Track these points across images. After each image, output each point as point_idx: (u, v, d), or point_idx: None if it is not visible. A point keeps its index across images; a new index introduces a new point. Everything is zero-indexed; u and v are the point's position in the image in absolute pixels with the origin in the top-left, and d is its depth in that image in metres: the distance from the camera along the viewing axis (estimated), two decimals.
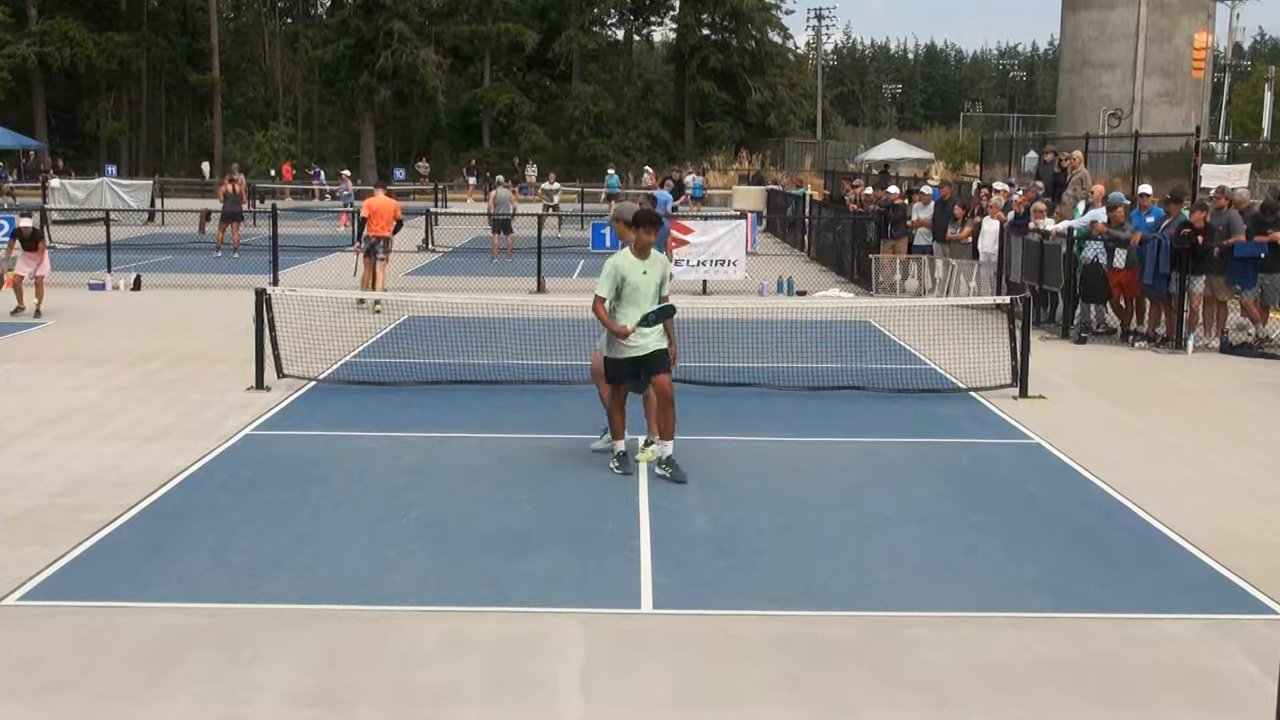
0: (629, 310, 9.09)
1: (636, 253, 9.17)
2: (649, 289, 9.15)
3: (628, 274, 9.05)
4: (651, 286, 9.16)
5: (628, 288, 9.07)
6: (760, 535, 7.92)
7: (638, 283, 9.09)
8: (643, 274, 9.09)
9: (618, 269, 9.08)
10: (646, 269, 9.15)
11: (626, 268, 9.09)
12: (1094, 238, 16.18)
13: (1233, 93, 70.70)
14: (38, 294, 17.69)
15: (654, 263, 9.26)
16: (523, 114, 69.86)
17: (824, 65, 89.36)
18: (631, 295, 9.09)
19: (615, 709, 5.49)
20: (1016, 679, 5.81)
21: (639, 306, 9.09)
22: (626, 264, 9.12)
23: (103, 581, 6.98)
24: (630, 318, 9.06)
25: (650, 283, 9.15)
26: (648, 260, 9.20)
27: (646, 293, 9.13)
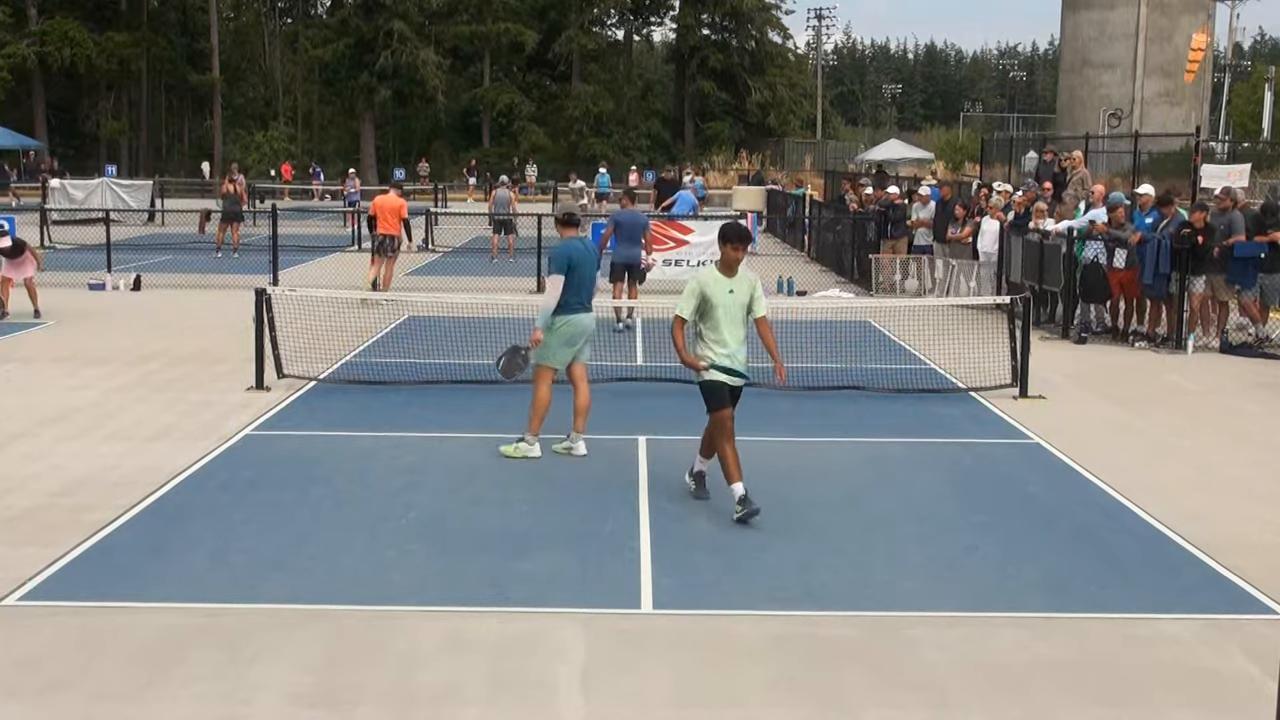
0: (711, 334, 8.23)
1: (723, 268, 8.29)
2: (736, 310, 8.24)
3: (712, 293, 8.17)
4: (738, 307, 8.25)
5: (710, 308, 8.19)
6: (760, 535, 7.91)
7: (722, 302, 8.18)
8: (729, 293, 8.20)
9: (701, 286, 8.21)
10: (733, 287, 8.24)
11: (711, 285, 8.20)
12: (1094, 238, 16.18)
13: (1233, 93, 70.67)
14: (31, 296, 17.62)
15: (741, 280, 8.32)
16: (523, 114, 69.84)
17: (824, 65, 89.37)
18: (715, 316, 8.19)
19: (615, 709, 5.49)
20: (1016, 679, 5.81)
21: (723, 330, 8.20)
22: (711, 281, 8.23)
23: (103, 581, 6.98)
24: (713, 341, 8.24)
25: (737, 303, 8.23)
26: (734, 278, 8.28)
27: (733, 314, 8.23)
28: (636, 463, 9.71)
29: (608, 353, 14.14)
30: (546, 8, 72.30)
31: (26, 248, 17.89)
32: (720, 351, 8.23)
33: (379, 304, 17.85)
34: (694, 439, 10.45)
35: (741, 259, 8.30)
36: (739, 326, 8.29)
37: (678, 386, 12.63)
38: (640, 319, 17.40)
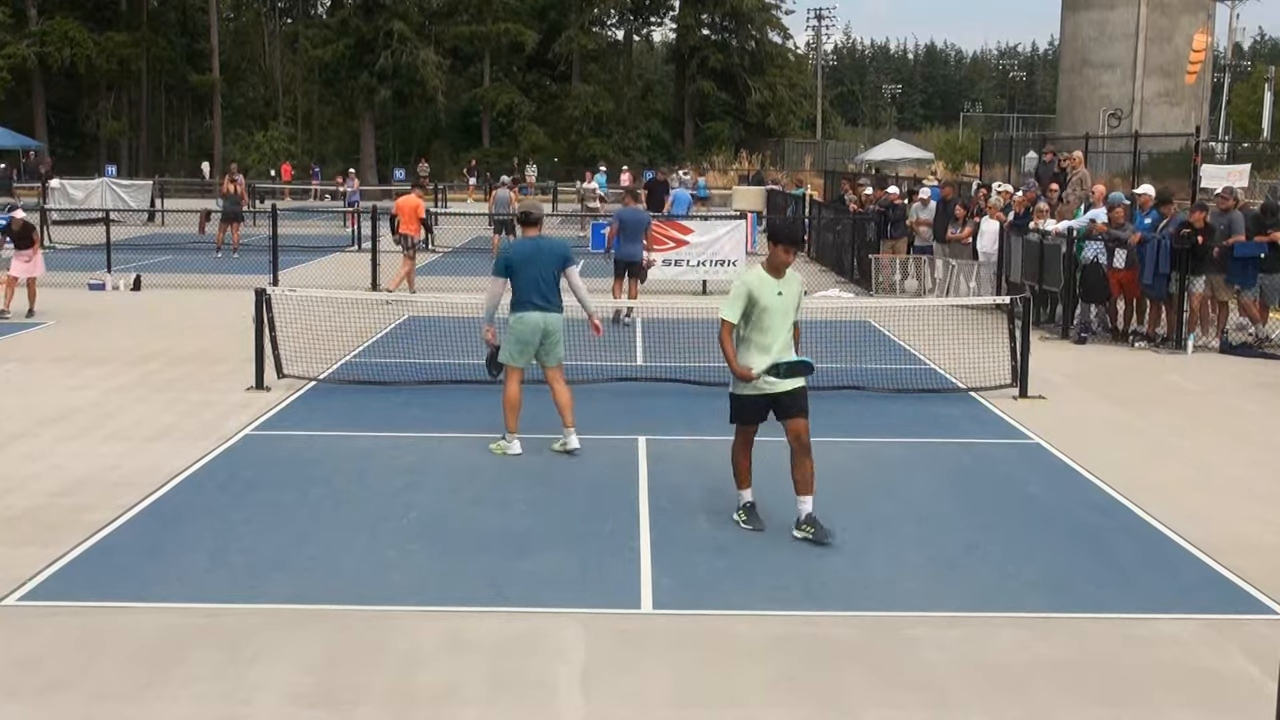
0: (757, 338, 7.81)
1: (771, 269, 7.88)
2: (784, 312, 7.85)
3: (760, 294, 7.76)
4: (786, 310, 7.88)
5: (758, 311, 7.78)
6: (760, 535, 7.91)
7: (771, 305, 7.78)
8: (777, 295, 7.79)
9: (749, 288, 7.78)
10: (782, 289, 7.84)
11: (759, 287, 7.78)
12: (1094, 238, 16.18)
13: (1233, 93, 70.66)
14: (30, 295, 17.68)
15: (789, 282, 7.92)
16: (523, 114, 69.85)
17: (824, 65, 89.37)
18: (762, 320, 7.79)
19: (615, 709, 5.49)
20: (1016, 679, 5.81)
21: (769, 334, 7.80)
22: (759, 283, 7.81)
23: (103, 581, 6.98)
24: (759, 347, 7.80)
25: (786, 305, 7.86)
26: (783, 279, 7.89)
27: (780, 317, 7.82)
28: (636, 463, 9.71)
29: (608, 353, 14.15)
30: (546, 8, 72.31)
31: (35, 234, 17.90)
32: (762, 359, 7.78)
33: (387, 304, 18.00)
34: (694, 439, 10.50)
35: (791, 261, 7.90)
36: (785, 330, 7.88)
37: (677, 387, 12.65)
38: (640, 319, 17.41)
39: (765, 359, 7.77)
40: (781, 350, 7.83)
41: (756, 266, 8.05)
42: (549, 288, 9.89)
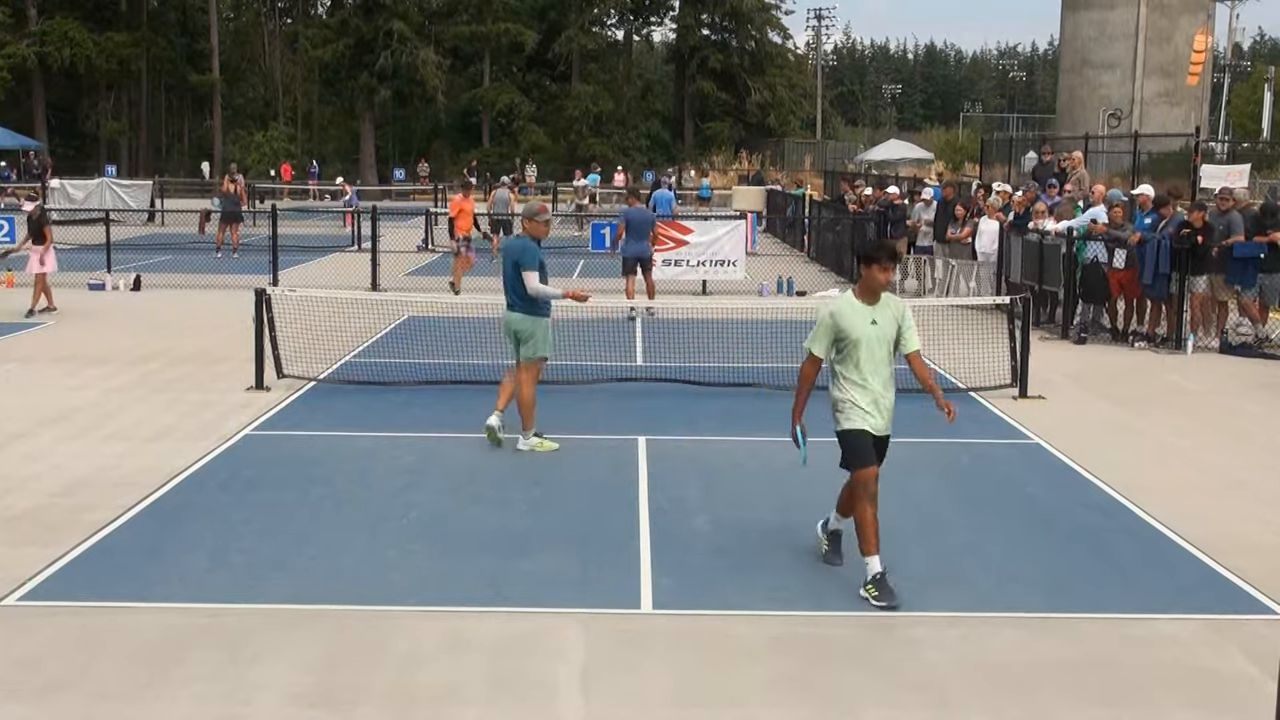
0: (853, 375, 6.87)
1: (862, 294, 6.88)
2: (880, 345, 6.84)
3: (849, 325, 6.80)
4: (882, 342, 6.84)
5: (849, 344, 6.82)
6: (760, 535, 7.92)
7: (862, 337, 6.77)
8: (870, 324, 6.81)
9: (835, 319, 6.83)
10: (876, 317, 6.82)
11: (848, 316, 6.82)
12: (1094, 238, 16.19)
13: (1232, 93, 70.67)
14: (36, 294, 17.75)
15: (884, 308, 6.88)
16: (522, 114, 69.83)
17: (824, 65, 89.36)
18: (855, 355, 6.82)
19: (615, 709, 5.49)
20: (1016, 679, 5.81)
21: (864, 370, 6.84)
22: (848, 311, 6.83)
23: (103, 581, 6.98)
24: (855, 385, 6.89)
25: (881, 337, 6.82)
26: (877, 305, 6.85)
27: (876, 350, 6.83)
28: (636, 463, 9.71)
29: (608, 353, 14.15)
30: (546, 8, 72.30)
31: (48, 229, 17.95)
32: (861, 398, 6.86)
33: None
34: (694, 439, 10.51)
35: (888, 282, 6.90)
36: (884, 365, 6.87)
37: (677, 387, 12.65)
38: (640, 318, 17.42)
39: (862, 398, 6.87)
40: (883, 389, 6.92)
41: (847, 292, 7.03)
42: (511, 287, 10.05)
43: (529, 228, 10.14)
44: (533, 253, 9.92)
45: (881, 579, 6.75)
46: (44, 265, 17.71)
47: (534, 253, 9.92)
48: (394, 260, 24.41)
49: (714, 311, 17.38)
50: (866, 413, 6.90)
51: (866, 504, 6.87)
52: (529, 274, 9.85)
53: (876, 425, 6.94)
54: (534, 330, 9.97)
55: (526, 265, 9.87)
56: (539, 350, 10.03)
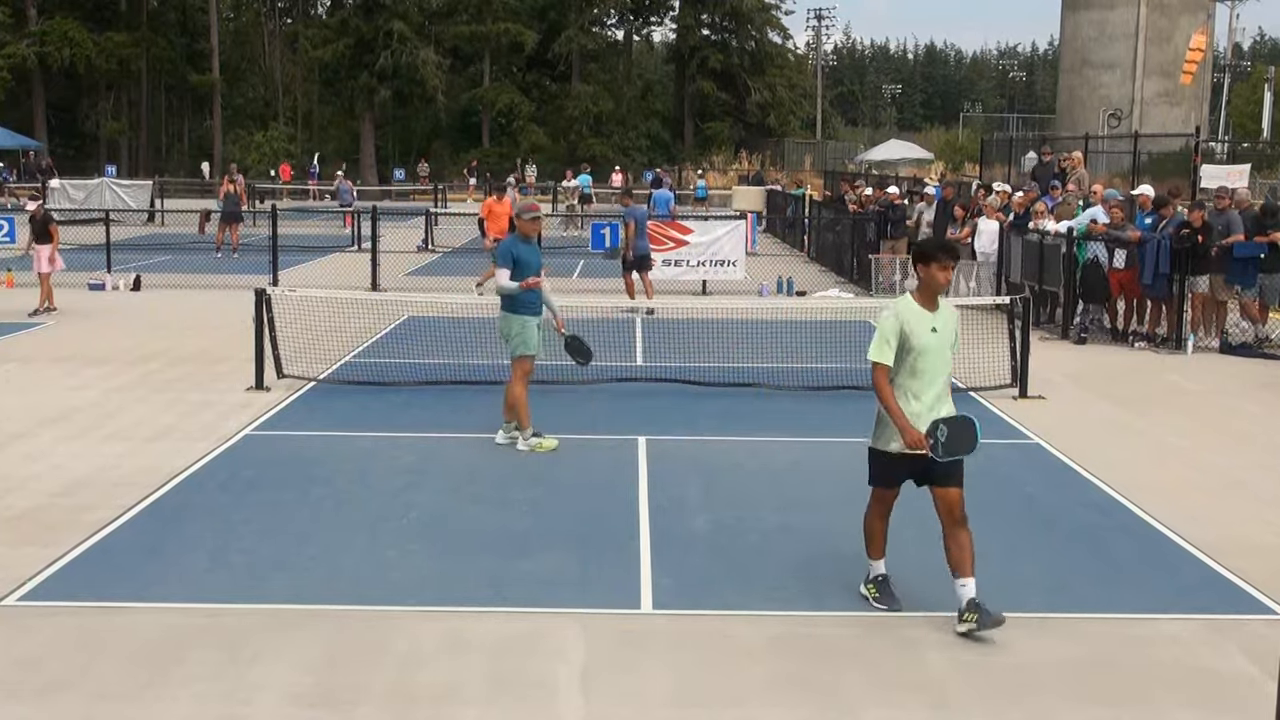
0: (909, 383, 6.38)
1: (922, 298, 6.42)
2: (939, 354, 6.38)
3: (913, 330, 6.33)
4: (942, 350, 6.40)
5: (910, 351, 6.34)
6: (760, 535, 7.91)
7: (924, 344, 6.33)
8: (931, 331, 6.34)
9: (900, 322, 6.35)
10: (937, 324, 6.37)
11: (911, 321, 6.35)
12: (1094, 238, 16.19)
13: (1233, 93, 70.66)
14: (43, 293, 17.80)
15: (944, 315, 6.45)
16: (522, 114, 69.82)
17: (824, 65, 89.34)
18: (916, 363, 6.35)
19: (615, 709, 5.49)
20: (1016, 679, 5.81)
21: (922, 379, 6.35)
22: (911, 316, 6.37)
23: (103, 581, 6.98)
24: (910, 394, 6.37)
25: (942, 343, 6.39)
26: (936, 311, 6.42)
27: (935, 361, 6.36)
28: (636, 463, 9.71)
29: (608, 353, 14.15)
30: (546, 8, 72.29)
31: (54, 227, 17.98)
32: (911, 411, 6.35)
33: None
34: (694, 439, 10.50)
35: (948, 283, 6.49)
36: (940, 377, 6.41)
37: (678, 387, 12.65)
38: (640, 318, 17.42)
39: (917, 408, 6.37)
40: (936, 400, 6.38)
41: (906, 297, 6.54)
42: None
43: (519, 226, 10.14)
44: (504, 250, 9.94)
45: (884, 581, 6.69)
46: (54, 264, 17.77)
47: (505, 250, 9.93)
48: (394, 260, 24.40)
49: (714, 311, 17.38)
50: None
51: (877, 519, 6.69)
52: (498, 271, 9.88)
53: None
54: (511, 328, 9.96)
55: (496, 263, 9.92)
56: (518, 349, 9.98)
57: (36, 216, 18.06)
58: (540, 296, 10.11)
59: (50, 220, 18.20)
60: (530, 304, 9.99)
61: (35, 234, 17.86)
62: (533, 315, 10.02)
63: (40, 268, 17.74)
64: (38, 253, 17.77)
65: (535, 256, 10.09)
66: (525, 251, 9.96)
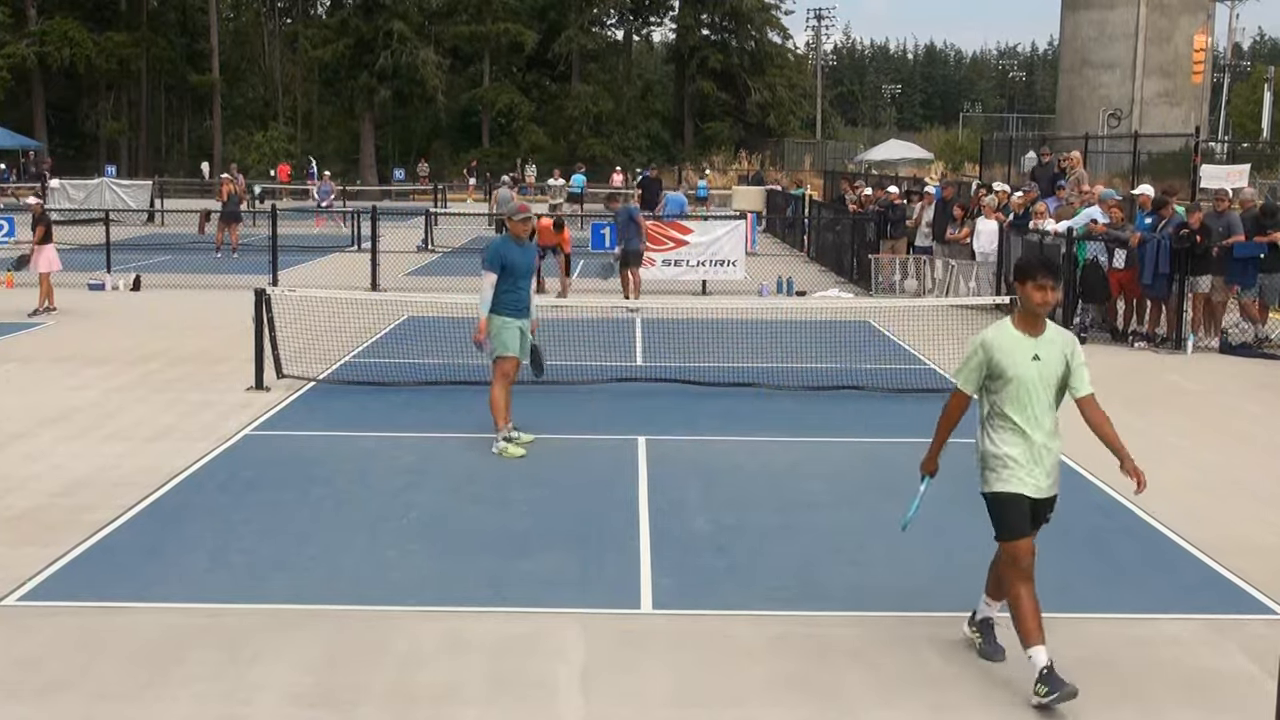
0: (1006, 421, 5.65)
1: (1022, 322, 5.64)
2: (1043, 386, 5.60)
3: (1005, 359, 5.57)
4: (1047, 382, 5.60)
5: (1006, 382, 5.60)
6: (760, 535, 7.91)
7: (1022, 375, 5.56)
8: (1032, 359, 5.56)
9: (989, 349, 5.62)
10: (1040, 351, 5.58)
11: (1003, 348, 5.60)
12: (1094, 238, 16.19)
13: (1232, 93, 70.69)
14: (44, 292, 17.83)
15: (1050, 342, 5.61)
16: (522, 114, 69.82)
17: (823, 65, 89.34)
18: (1019, 395, 5.59)
19: (615, 709, 5.49)
20: (1018, 679, 5.80)
21: (1024, 412, 5.60)
22: (1006, 342, 5.61)
23: (103, 581, 6.98)
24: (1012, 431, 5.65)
25: (1047, 376, 5.59)
26: (1040, 336, 5.61)
27: (1039, 394, 5.59)
28: (636, 463, 9.71)
29: (608, 353, 14.16)
30: (546, 8, 72.29)
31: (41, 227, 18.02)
32: (1019, 453, 5.64)
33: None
34: (694, 439, 10.50)
35: (1051, 304, 5.61)
36: (1047, 412, 5.64)
37: (678, 387, 12.65)
38: (640, 319, 17.43)
39: (1015, 448, 5.64)
40: (1047, 441, 5.68)
41: (1003, 321, 5.75)
42: None
43: (510, 228, 10.12)
44: (492, 252, 9.89)
45: (1050, 672, 5.45)
46: (54, 263, 17.81)
47: (493, 252, 9.88)
48: (394, 260, 24.41)
49: (714, 311, 17.39)
50: (1024, 470, 5.63)
51: (1020, 584, 5.62)
52: (483, 273, 9.85)
53: (1039, 486, 5.68)
54: (491, 328, 9.92)
55: (484, 264, 9.88)
56: (496, 350, 9.93)
57: (37, 212, 18.11)
58: (525, 299, 10.05)
59: (45, 219, 18.25)
60: (511, 305, 9.92)
61: (44, 228, 17.93)
62: (514, 317, 9.93)
63: (39, 266, 17.77)
64: (37, 253, 17.80)
65: (526, 259, 10.07)
66: (516, 254, 9.93)
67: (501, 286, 9.83)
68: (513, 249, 9.92)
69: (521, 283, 9.97)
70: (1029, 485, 5.64)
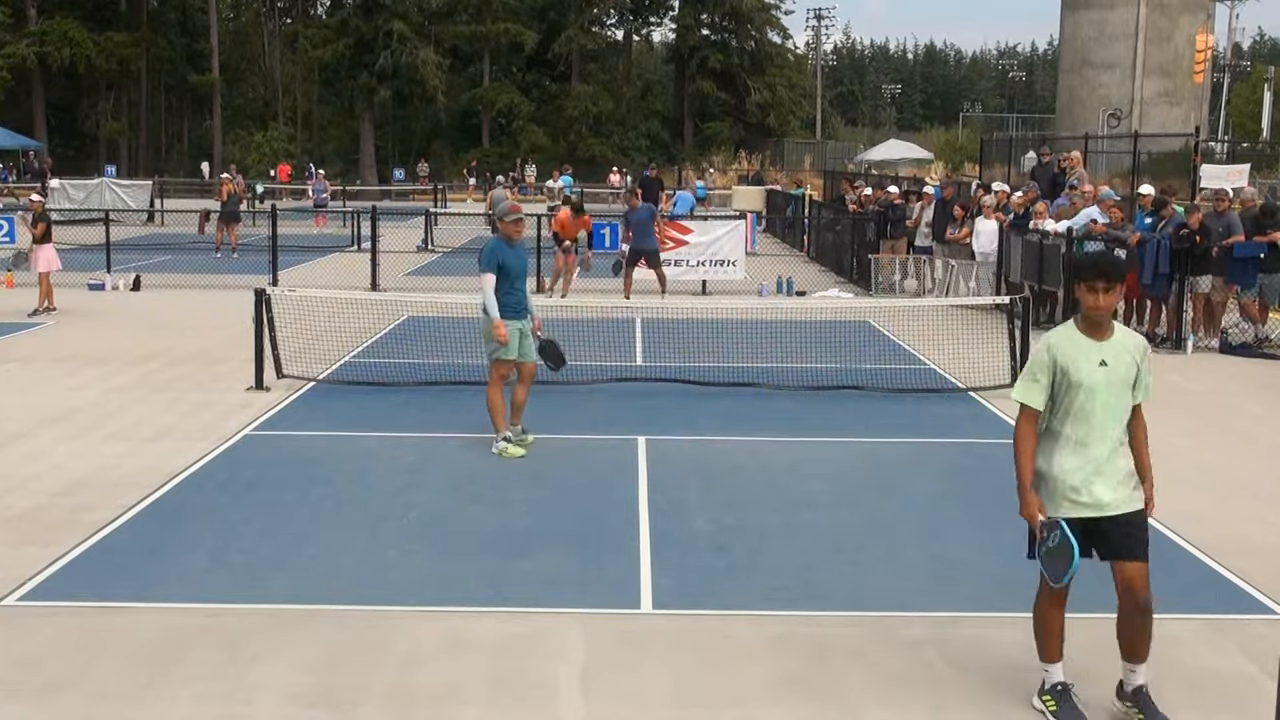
0: (1071, 431, 5.21)
1: (1086, 325, 5.22)
2: (1112, 394, 5.16)
3: (1071, 365, 5.17)
4: (1117, 390, 5.17)
5: (1070, 389, 5.17)
6: (760, 535, 7.91)
7: (1088, 381, 5.14)
8: (1099, 365, 5.15)
9: (1054, 354, 5.22)
10: (1106, 356, 5.16)
11: (1070, 352, 5.20)
12: (1094, 238, 16.19)
13: (1232, 93, 70.69)
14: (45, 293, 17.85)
15: (1118, 346, 5.19)
16: (522, 114, 69.83)
17: (823, 65, 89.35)
18: (1083, 405, 5.17)
19: (615, 709, 5.49)
20: (1016, 679, 5.80)
21: (1088, 424, 5.17)
22: (1070, 346, 5.21)
23: (103, 581, 6.98)
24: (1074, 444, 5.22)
25: (1115, 382, 5.15)
26: (1107, 340, 5.20)
27: (1107, 401, 5.16)
28: (636, 463, 9.71)
29: (608, 353, 14.16)
30: (546, 8, 72.30)
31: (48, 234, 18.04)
32: (1073, 470, 5.22)
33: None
34: (694, 439, 10.50)
35: (1105, 309, 5.17)
36: (1115, 422, 5.18)
37: (678, 387, 12.65)
38: (640, 319, 17.43)
39: (1073, 464, 5.21)
40: (1110, 455, 5.20)
41: (1067, 323, 5.35)
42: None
43: (501, 229, 10.09)
44: (488, 254, 9.86)
45: (1064, 691, 5.33)
46: (53, 263, 17.83)
47: (489, 254, 9.85)
48: (394, 260, 24.42)
49: (714, 311, 17.38)
50: (1075, 491, 5.20)
51: (1050, 607, 5.39)
52: (482, 275, 9.82)
53: (1100, 503, 5.16)
54: (485, 330, 9.92)
55: (481, 267, 9.85)
56: (495, 352, 9.93)
57: (38, 210, 18.15)
58: (523, 299, 10.05)
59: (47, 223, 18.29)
60: (511, 307, 9.91)
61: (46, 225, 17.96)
62: (513, 319, 9.93)
63: (39, 267, 17.78)
64: (36, 252, 17.80)
65: (520, 260, 10.07)
66: (510, 256, 9.92)
67: (499, 288, 9.81)
68: (506, 250, 9.92)
69: (518, 283, 9.97)
70: (1084, 506, 5.18)
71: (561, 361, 10.64)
